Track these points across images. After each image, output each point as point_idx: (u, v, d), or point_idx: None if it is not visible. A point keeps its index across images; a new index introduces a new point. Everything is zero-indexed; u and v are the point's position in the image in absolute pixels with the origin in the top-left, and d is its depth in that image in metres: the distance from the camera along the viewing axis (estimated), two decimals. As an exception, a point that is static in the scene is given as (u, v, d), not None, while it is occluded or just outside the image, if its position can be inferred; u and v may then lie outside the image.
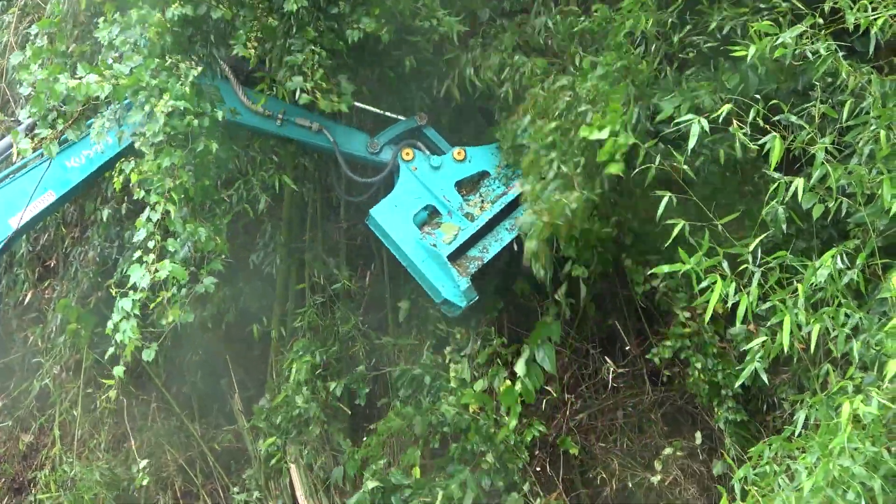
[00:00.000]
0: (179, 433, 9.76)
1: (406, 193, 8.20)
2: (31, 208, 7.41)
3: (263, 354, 9.71)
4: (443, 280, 7.96)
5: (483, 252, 8.00)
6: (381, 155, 8.31)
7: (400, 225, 8.11)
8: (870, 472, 4.67)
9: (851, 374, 5.04)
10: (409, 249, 8.07)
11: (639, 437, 8.25)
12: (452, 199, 8.18)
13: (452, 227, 8.03)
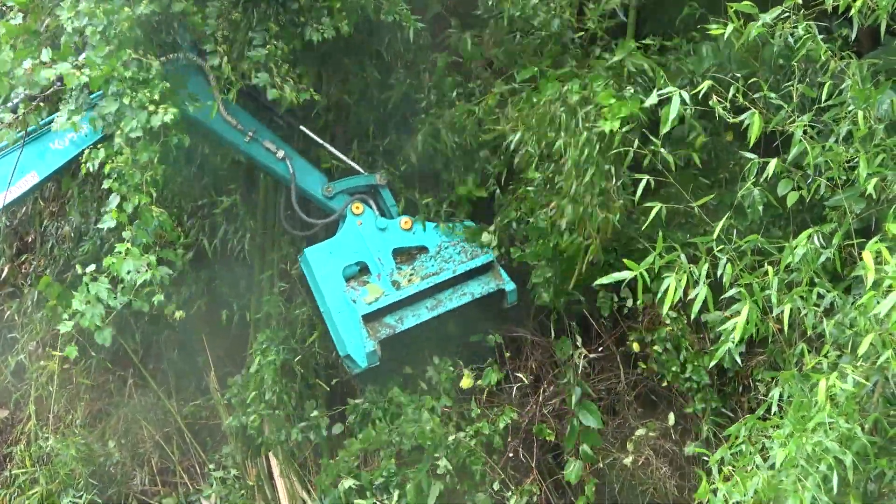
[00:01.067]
0: (156, 410, 9.75)
1: (345, 244, 8.36)
2: (15, 189, 7.41)
3: (240, 334, 9.71)
4: (351, 336, 8.10)
5: (398, 322, 8.17)
6: (333, 201, 8.44)
7: (329, 272, 8.27)
8: (843, 448, 4.73)
9: (826, 352, 5.09)
10: (329, 297, 8.23)
11: (612, 419, 8.29)
12: (386, 263, 8.34)
13: (377, 289, 8.18)
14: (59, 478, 9.11)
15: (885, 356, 4.61)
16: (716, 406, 7.72)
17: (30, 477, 9.27)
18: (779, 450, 4.89)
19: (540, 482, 8.15)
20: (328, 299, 8.23)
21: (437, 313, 8.16)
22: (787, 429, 4.93)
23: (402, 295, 8.14)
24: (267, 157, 8.23)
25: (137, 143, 6.97)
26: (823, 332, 5.29)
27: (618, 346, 8.28)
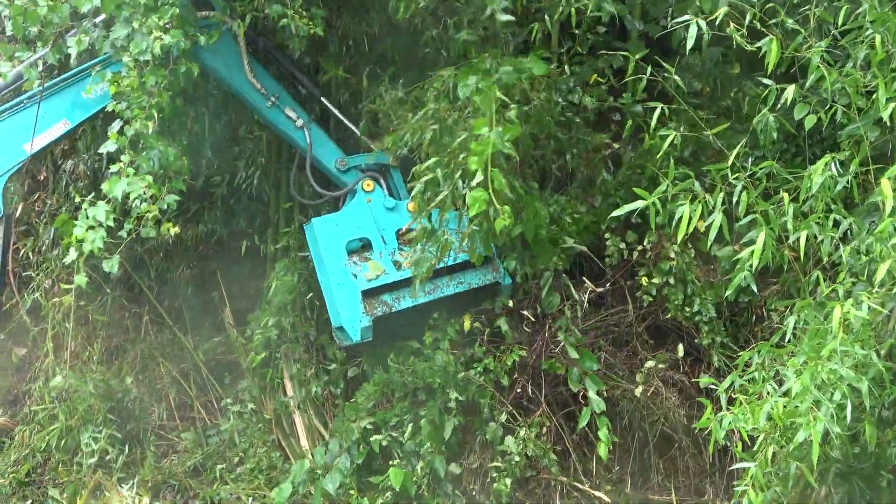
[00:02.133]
0: (172, 346, 9.82)
1: (352, 219, 8.45)
2: (45, 136, 7.61)
3: (254, 268, 9.74)
4: (348, 309, 8.19)
5: (395, 301, 8.27)
6: (345, 175, 8.56)
7: (333, 243, 8.35)
8: (858, 375, 4.72)
9: (842, 279, 5.06)
10: (331, 268, 8.31)
11: (621, 351, 8.31)
12: (389, 242, 8.43)
13: (378, 267, 8.28)
14: (77, 414, 9.17)
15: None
16: (724, 339, 7.71)
17: (49, 413, 9.33)
18: (793, 378, 4.89)
19: (550, 415, 8.19)
20: (330, 270, 8.34)
21: (434, 298, 8.25)
22: (802, 356, 4.92)
23: (402, 276, 8.23)
24: (286, 124, 8.36)
25: (147, 65, 7.08)
26: (839, 261, 5.27)
27: (626, 280, 8.26)
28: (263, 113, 8.37)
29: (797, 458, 5.26)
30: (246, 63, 8.07)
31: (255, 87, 8.16)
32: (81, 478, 8.83)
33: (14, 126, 7.56)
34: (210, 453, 9.28)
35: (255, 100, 8.26)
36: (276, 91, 8.28)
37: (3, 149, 7.50)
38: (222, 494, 8.85)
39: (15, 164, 7.59)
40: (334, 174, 8.58)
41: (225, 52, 7.98)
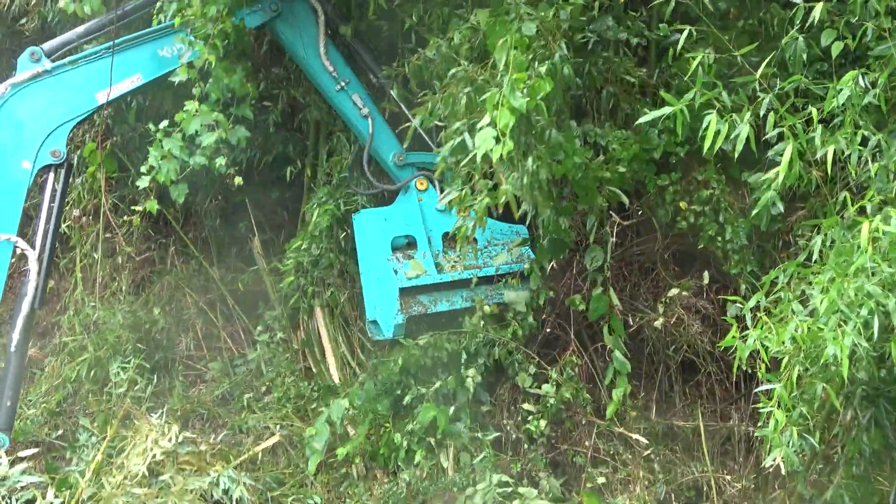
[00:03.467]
0: (199, 276, 9.87)
1: (401, 215, 8.48)
2: (118, 87, 7.65)
3: (282, 198, 9.75)
4: (384, 305, 8.24)
5: (431, 303, 8.30)
6: (401, 170, 8.56)
7: (378, 237, 8.39)
8: (885, 292, 4.68)
9: (871, 195, 4.99)
10: (373, 262, 8.36)
11: (645, 280, 8.28)
12: (435, 244, 8.47)
13: (420, 266, 8.28)
14: (106, 344, 9.26)
15: (930, 198, 4.54)
16: (753, 268, 7.65)
17: (78, 344, 9.43)
18: (819, 295, 4.85)
19: (580, 352, 8.20)
20: (371, 263, 8.39)
21: (471, 305, 8.26)
22: (829, 274, 4.87)
23: (442, 279, 8.27)
24: (351, 111, 8.39)
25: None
26: (867, 183, 5.19)
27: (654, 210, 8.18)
28: (330, 95, 8.38)
29: (823, 380, 5.24)
30: (322, 43, 8.17)
31: (327, 68, 8.22)
32: (111, 407, 8.93)
33: (89, 74, 7.57)
34: (237, 382, 9.38)
35: (324, 80, 8.29)
36: (346, 76, 8.32)
37: (76, 96, 7.53)
38: (250, 423, 8.94)
39: (85, 112, 7.63)
40: (391, 168, 8.59)
41: (302, 27, 8.10)
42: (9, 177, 7.36)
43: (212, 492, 7.70)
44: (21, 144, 7.39)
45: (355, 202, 8.86)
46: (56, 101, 7.47)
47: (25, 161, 7.39)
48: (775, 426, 5.09)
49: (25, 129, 7.41)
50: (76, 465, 8.08)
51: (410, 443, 8.10)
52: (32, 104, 7.44)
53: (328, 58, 8.22)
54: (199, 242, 9.84)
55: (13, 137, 7.39)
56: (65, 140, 7.49)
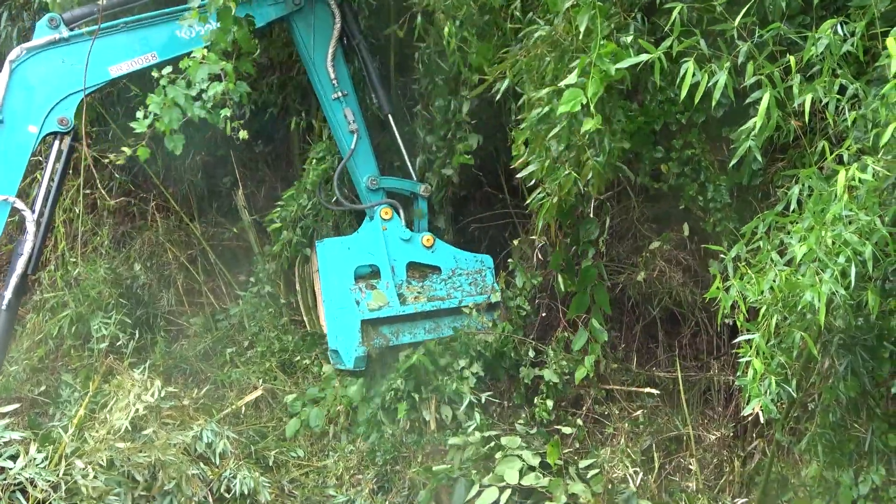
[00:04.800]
0: (179, 231, 9.83)
1: (364, 245, 8.47)
2: (131, 63, 7.61)
3: (264, 153, 9.72)
4: (345, 335, 8.25)
5: (393, 336, 8.31)
6: (372, 194, 8.53)
7: (341, 267, 8.38)
8: (862, 240, 4.70)
9: (848, 145, 5.00)
10: (334, 292, 8.35)
11: (623, 241, 8.31)
12: (399, 274, 8.45)
13: (383, 297, 8.27)
14: (88, 300, 9.24)
15: (906, 146, 4.54)
16: (735, 225, 7.63)
17: (60, 300, 9.41)
18: (797, 244, 4.86)
19: (571, 331, 8.24)
20: (332, 293, 8.38)
21: (433, 337, 8.30)
22: (807, 223, 4.89)
23: (405, 311, 8.28)
24: (341, 122, 8.41)
25: None
26: (845, 130, 5.19)
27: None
28: (325, 101, 8.39)
29: (801, 328, 5.26)
30: (332, 49, 8.19)
31: (330, 74, 8.24)
32: (93, 363, 8.94)
33: (104, 47, 7.50)
34: (220, 337, 9.40)
35: (324, 85, 8.31)
36: (346, 88, 8.36)
37: (91, 67, 7.42)
38: (233, 377, 8.98)
39: (97, 84, 7.56)
40: (362, 189, 8.57)
41: (318, 28, 8.14)
42: (14, 139, 7.32)
43: (195, 446, 7.73)
44: (30, 108, 7.35)
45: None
46: (69, 70, 7.41)
47: (32, 125, 7.35)
48: (754, 376, 5.12)
49: (36, 93, 7.37)
50: (59, 420, 8.10)
51: (393, 400, 8.17)
52: (45, 70, 7.39)
53: (333, 65, 8.25)
54: (179, 197, 9.79)
55: (23, 100, 7.34)
56: (73, 109, 7.44)
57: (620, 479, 7.69)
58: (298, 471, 8.19)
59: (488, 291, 8.47)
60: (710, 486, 7.67)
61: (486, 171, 9.00)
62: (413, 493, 7.87)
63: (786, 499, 7.10)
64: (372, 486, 7.95)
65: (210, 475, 7.68)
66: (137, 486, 7.24)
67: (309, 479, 8.13)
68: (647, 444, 7.97)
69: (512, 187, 8.85)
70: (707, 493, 7.56)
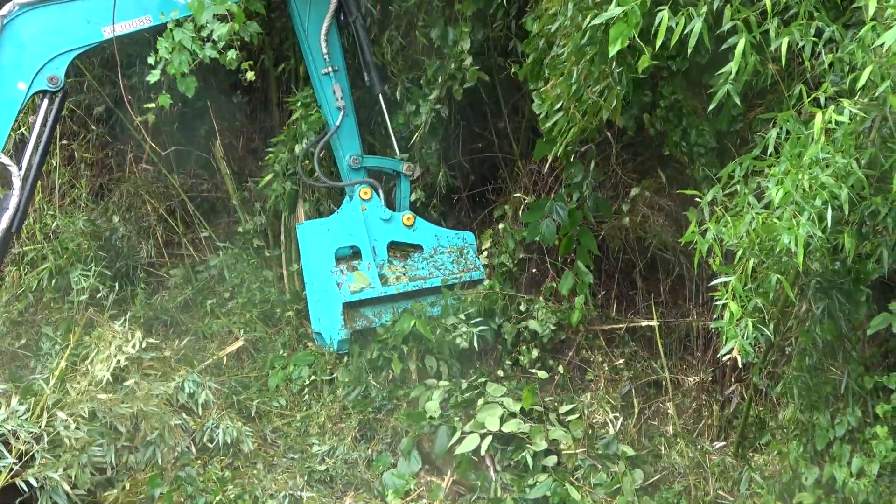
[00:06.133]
0: (157, 183, 9.78)
1: (343, 225, 8.41)
2: (125, 24, 7.51)
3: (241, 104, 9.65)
4: (328, 318, 8.24)
5: (376, 317, 8.29)
6: (354, 173, 8.47)
7: (321, 249, 8.34)
8: (838, 182, 4.72)
9: (825, 88, 5.00)
10: (316, 274, 8.34)
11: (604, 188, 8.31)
12: (380, 254, 8.43)
13: (364, 279, 8.23)
14: (67, 253, 9.21)
15: (882, 87, 4.54)
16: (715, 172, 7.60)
17: (39, 253, 9.37)
18: (774, 188, 4.88)
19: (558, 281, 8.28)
20: (314, 275, 8.38)
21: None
22: (783, 166, 4.90)
23: (387, 292, 8.28)
24: (329, 98, 8.36)
25: None
26: (822, 74, 5.19)
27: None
28: (315, 75, 8.33)
29: (778, 271, 5.29)
30: (327, 23, 8.14)
31: (322, 49, 8.18)
32: (73, 315, 8.92)
33: (98, 7, 7.40)
34: (200, 289, 9.39)
35: (315, 59, 8.26)
36: (337, 63, 8.31)
37: (83, 26, 7.37)
38: (214, 328, 8.99)
39: (88, 44, 7.46)
40: (343, 167, 8.51)
41: (315, 1, 8.08)
42: (2, 94, 7.23)
43: (177, 396, 7.77)
44: (20, 65, 7.26)
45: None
46: (61, 29, 7.33)
47: (21, 82, 7.26)
48: (730, 318, 5.14)
49: (26, 50, 7.27)
50: (40, 373, 8.09)
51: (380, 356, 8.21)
52: (37, 27, 7.29)
53: (327, 40, 8.18)
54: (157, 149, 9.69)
55: (13, 56, 7.25)
56: (64, 68, 7.36)
57: (601, 425, 7.77)
58: (281, 420, 8.23)
59: (471, 269, 8.50)
60: (688, 430, 7.75)
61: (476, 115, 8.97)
62: (396, 441, 7.92)
63: (763, 441, 7.18)
64: (354, 435, 8.00)
65: (192, 425, 7.74)
66: (120, 436, 7.29)
67: (291, 429, 8.18)
68: (627, 389, 8.04)
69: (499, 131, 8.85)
70: (686, 437, 7.64)
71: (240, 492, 7.34)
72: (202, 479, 7.39)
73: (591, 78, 6.15)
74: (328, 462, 7.79)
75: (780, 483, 6.56)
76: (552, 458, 7.44)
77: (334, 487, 7.67)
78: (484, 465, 7.45)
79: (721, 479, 7.29)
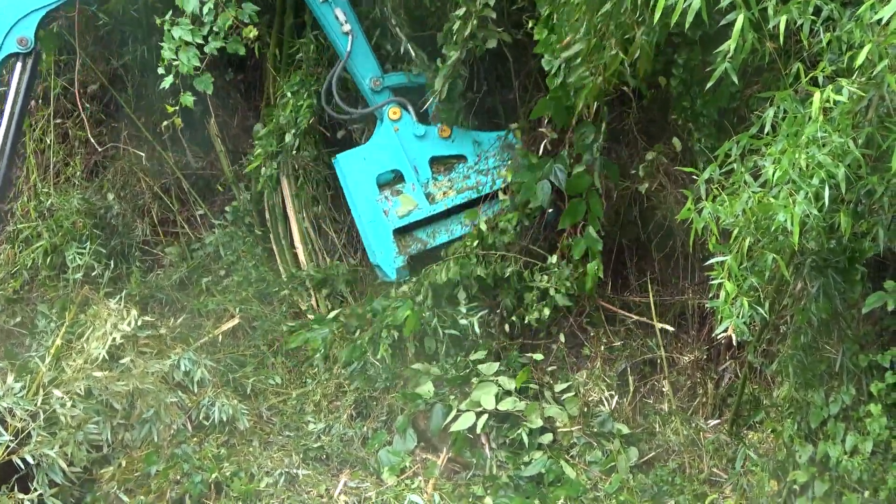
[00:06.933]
0: (152, 161, 9.74)
1: (379, 150, 8.06)
2: None
3: (235, 81, 9.61)
4: (382, 249, 7.96)
5: (429, 238, 8.00)
6: (378, 95, 8.09)
7: (362, 179, 8.01)
8: (835, 161, 4.72)
9: (822, 66, 4.99)
10: (361, 206, 8.03)
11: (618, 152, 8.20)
12: (422, 172, 8.05)
13: (410, 201, 7.94)
14: (62, 230, 9.18)
15: (880, 66, 4.53)
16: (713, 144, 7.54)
17: (34, 231, 9.34)
18: (771, 166, 4.88)
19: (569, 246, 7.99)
20: (360, 208, 8.06)
21: (471, 230, 7.90)
22: (780, 145, 4.90)
23: (436, 209, 7.97)
24: (333, 25, 7.96)
25: None
26: (820, 53, 5.18)
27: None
28: (314, 5, 7.95)
29: (773, 250, 5.30)
30: None
31: None
32: (69, 293, 8.89)
33: None
34: (195, 267, 9.37)
35: None
36: None
37: None
38: (209, 306, 8.98)
39: (58, 1, 7.26)
40: (367, 92, 8.17)
41: None
42: None
43: (173, 374, 7.80)
44: None
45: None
46: None
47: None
48: (726, 297, 5.16)
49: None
50: (36, 351, 8.08)
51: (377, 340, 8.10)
52: None
53: None
54: (150, 126, 9.66)
55: None
56: (34, 28, 7.18)
57: (596, 402, 7.80)
58: (276, 398, 8.26)
59: None
60: (683, 408, 7.79)
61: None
62: (391, 419, 7.95)
63: (757, 419, 7.22)
64: (350, 412, 8.03)
65: (188, 403, 7.77)
66: (116, 414, 7.31)
67: (287, 406, 8.20)
68: (623, 367, 8.06)
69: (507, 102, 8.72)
70: (680, 415, 7.68)
71: (235, 469, 7.37)
72: (198, 457, 7.42)
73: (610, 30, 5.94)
74: (324, 440, 7.82)
75: (774, 461, 6.59)
76: (548, 436, 7.49)
77: (330, 465, 7.70)
78: (479, 443, 7.48)
79: (715, 456, 7.35)
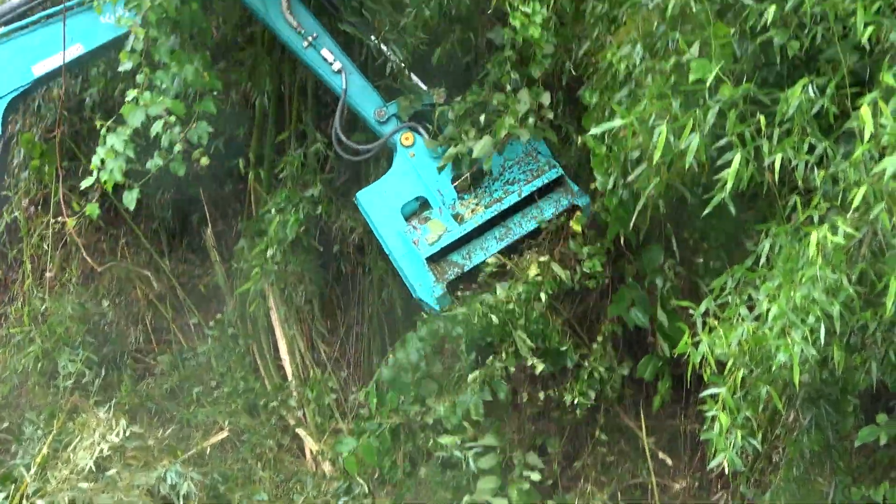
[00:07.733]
0: (149, 268, 9.78)
1: (398, 181, 7.76)
2: (56, 58, 7.24)
3: (235, 191, 9.70)
4: (419, 280, 7.59)
5: (465, 259, 7.61)
6: (385, 126, 7.84)
7: (386, 213, 7.71)
8: (830, 299, 4.76)
9: (816, 203, 5.07)
10: (390, 241, 7.71)
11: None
12: (446, 193, 7.71)
13: (440, 226, 7.60)
14: (55, 336, 9.17)
15: (877, 209, 4.59)
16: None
17: (26, 336, 9.33)
18: (765, 302, 4.93)
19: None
20: (389, 243, 7.73)
21: (508, 242, 7.60)
22: (777, 280, 4.95)
23: (466, 229, 7.60)
24: (323, 68, 7.77)
25: None
26: (814, 186, 5.27)
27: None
28: (300, 54, 7.78)
29: (767, 382, 5.32)
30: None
31: (291, 24, 7.60)
32: (58, 400, 8.83)
33: (23, 46, 7.23)
34: (187, 376, 9.33)
35: (290, 39, 7.69)
36: (313, 30, 7.68)
37: (11, 69, 7.21)
38: (199, 417, 8.92)
39: (20, 86, 7.27)
40: (374, 126, 7.90)
41: None
42: None
43: (159, 487, 7.67)
44: None
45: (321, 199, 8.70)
46: None
47: None
48: (720, 430, 5.16)
49: None
50: (21, 458, 7.99)
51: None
52: None
53: (291, 12, 7.60)
54: (149, 234, 9.72)
55: None
56: (0, 115, 7.20)
57: (587, 527, 7.72)
58: (263, 515, 8.14)
59: (546, 170, 7.69)
60: (675, 537, 7.70)
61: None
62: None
63: (752, 552, 7.13)
64: (338, 530, 7.92)
65: (174, 518, 7.64)
66: (100, 528, 7.20)
67: (273, 525, 8.09)
68: (613, 490, 7.98)
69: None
70: (672, 543, 7.59)
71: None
72: (181, 575, 7.29)
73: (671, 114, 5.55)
74: (310, 560, 7.71)
75: None
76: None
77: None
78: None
79: (709, 589, 7.24)
